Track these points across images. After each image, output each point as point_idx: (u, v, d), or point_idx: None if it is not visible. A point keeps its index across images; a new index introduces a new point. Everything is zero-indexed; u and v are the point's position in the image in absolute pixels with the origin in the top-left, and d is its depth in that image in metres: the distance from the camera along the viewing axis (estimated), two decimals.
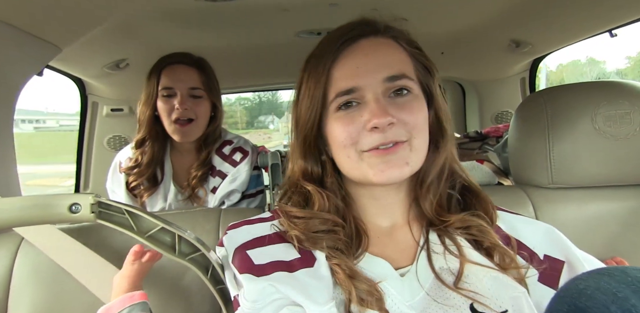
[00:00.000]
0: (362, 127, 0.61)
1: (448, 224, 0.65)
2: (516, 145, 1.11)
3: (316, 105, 0.64)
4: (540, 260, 0.65)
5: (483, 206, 0.68)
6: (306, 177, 0.70)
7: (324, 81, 0.63)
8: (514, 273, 0.61)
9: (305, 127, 0.67)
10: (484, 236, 0.63)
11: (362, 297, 0.57)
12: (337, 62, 0.63)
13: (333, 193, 0.68)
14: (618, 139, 0.97)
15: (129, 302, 0.78)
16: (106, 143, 2.00)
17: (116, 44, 1.46)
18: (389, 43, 0.66)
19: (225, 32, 1.49)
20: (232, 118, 10.80)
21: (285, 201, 0.72)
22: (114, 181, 1.39)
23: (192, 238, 0.68)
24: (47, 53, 1.08)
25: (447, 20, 1.53)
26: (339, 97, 0.63)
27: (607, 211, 1.02)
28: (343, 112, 0.63)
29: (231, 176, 1.36)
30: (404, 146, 0.61)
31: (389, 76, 0.62)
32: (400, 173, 0.61)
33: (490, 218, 0.67)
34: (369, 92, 0.62)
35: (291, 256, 0.63)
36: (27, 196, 0.65)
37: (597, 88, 1.01)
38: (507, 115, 2.27)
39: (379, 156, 0.61)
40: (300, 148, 0.69)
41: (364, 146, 0.62)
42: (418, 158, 0.63)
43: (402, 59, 0.65)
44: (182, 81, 1.28)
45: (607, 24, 1.43)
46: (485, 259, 0.62)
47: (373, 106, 0.60)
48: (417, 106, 0.63)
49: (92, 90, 1.90)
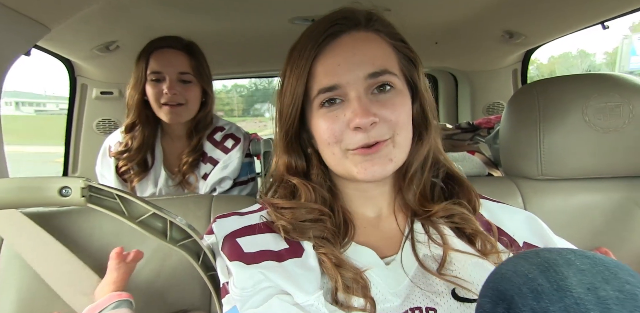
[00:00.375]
0: (346, 125, 0.62)
1: (431, 214, 0.66)
2: (507, 137, 1.13)
3: (297, 101, 0.65)
4: (519, 247, 0.67)
5: (466, 195, 0.69)
6: (290, 171, 0.70)
7: (305, 77, 0.63)
8: (494, 258, 0.63)
9: (287, 122, 0.67)
10: (466, 223, 0.65)
11: (347, 285, 0.58)
12: (318, 58, 0.63)
13: (319, 185, 0.69)
14: (607, 131, 0.98)
15: (117, 298, 0.79)
16: (95, 126, 1.97)
17: (107, 26, 1.43)
18: (371, 37, 0.65)
19: (218, 15, 1.47)
20: (229, 105, 10.81)
21: (271, 194, 0.72)
22: (104, 165, 1.38)
23: (183, 224, 0.68)
24: (35, 33, 1.05)
25: (441, 11, 1.52)
26: (321, 94, 0.63)
27: (594, 203, 1.04)
28: (326, 110, 0.64)
29: (223, 163, 1.36)
30: (386, 143, 0.62)
31: (371, 73, 0.62)
32: (383, 170, 0.62)
33: (473, 207, 0.68)
34: (351, 90, 0.62)
35: (280, 247, 0.63)
36: (16, 178, 0.64)
37: (589, 80, 1.02)
38: (498, 106, 2.29)
39: (363, 155, 0.62)
40: (282, 142, 0.70)
41: (349, 145, 0.63)
42: (401, 153, 0.64)
43: (385, 53, 0.65)
44: (171, 65, 1.26)
45: (600, 16, 1.44)
46: (467, 246, 0.64)
47: (355, 106, 0.61)
48: (400, 101, 0.64)
49: (81, 72, 1.86)
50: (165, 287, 0.94)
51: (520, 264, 0.41)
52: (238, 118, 9.99)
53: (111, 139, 1.40)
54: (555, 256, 0.40)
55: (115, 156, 1.33)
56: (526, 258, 0.42)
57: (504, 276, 0.42)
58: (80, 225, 0.97)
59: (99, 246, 0.96)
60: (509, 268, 0.42)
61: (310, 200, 0.67)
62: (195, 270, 0.70)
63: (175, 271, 0.95)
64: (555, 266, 0.39)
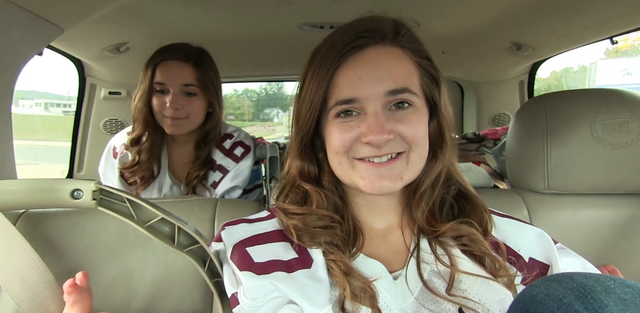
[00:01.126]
0: (357, 137, 0.62)
1: (439, 234, 0.65)
2: (514, 149, 1.12)
3: (315, 109, 0.64)
4: (524, 262, 0.66)
5: (477, 215, 0.67)
6: (303, 177, 0.70)
7: (325, 86, 0.63)
8: (504, 279, 0.62)
9: (303, 128, 0.67)
10: (475, 245, 0.64)
11: (355, 293, 0.58)
12: (340, 69, 0.63)
13: (331, 192, 0.68)
14: (616, 147, 0.98)
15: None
16: (102, 126, 1.98)
17: (118, 27, 1.44)
18: (395, 53, 0.64)
19: (228, 19, 1.48)
20: (240, 110, 11.08)
21: (282, 199, 0.72)
22: (107, 166, 1.38)
23: (191, 230, 0.68)
24: (49, 34, 1.06)
25: (450, 21, 1.53)
26: (338, 106, 0.63)
27: (601, 219, 1.03)
28: (341, 120, 0.63)
29: (233, 173, 1.34)
30: (400, 160, 0.62)
31: (391, 90, 0.61)
32: (392, 187, 0.62)
33: (484, 228, 0.66)
34: (369, 105, 0.61)
35: (289, 256, 0.63)
36: (29, 179, 0.65)
37: (598, 95, 1.02)
38: (504, 117, 2.29)
39: (371, 169, 0.62)
40: (297, 147, 0.69)
41: (357, 154, 0.62)
42: (414, 171, 0.64)
43: (407, 70, 0.64)
44: (175, 77, 1.25)
45: (608, 32, 1.45)
46: (476, 266, 0.63)
47: (371, 121, 0.61)
48: (417, 119, 0.63)
49: (91, 72, 1.88)
50: (167, 291, 0.94)
51: (554, 287, 0.40)
52: (248, 122, 10.21)
53: (116, 139, 1.40)
54: (593, 283, 0.39)
55: (123, 169, 1.32)
56: (560, 282, 0.40)
57: (535, 298, 0.41)
58: (85, 227, 0.97)
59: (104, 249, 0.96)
60: (540, 290, 0.41)
61: (322, 206, 0.67)
62: (198, 274, 0.70)
63: (178, 275, 0.95)
64: (593, 293, 0.37)
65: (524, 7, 1.30)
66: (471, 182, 1.17)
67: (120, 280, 0.92)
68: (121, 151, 1.35)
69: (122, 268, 0.93)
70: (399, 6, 0.68)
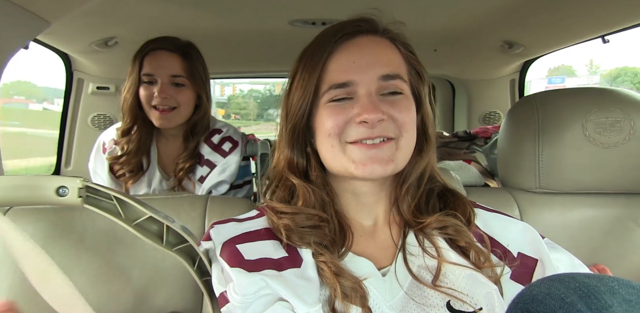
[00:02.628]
0: (351, 119, 0.62)
1: (424, 225, 0.66)
2: (505, 148, 1.13)
3: (308, 95, 0.65)
4: (513, 258, 0.66)
5: (460, 206, 0.69)
6: (291, 168, 0.69)
7: (318, 72, 0.64)
8: (488, 271, 0.63)
9: (295, 116, 0.67)
10: (459, 235, 0.65)
11: (346, 293, 0.57)
12: (333, 55, 0.64)
13: (318, 187, 0.68)
14: (607, 147, 0.98)
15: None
16: (90, 121, 1.95)
17: (107, 21, 1.42)
18: (386, 43, 0.67)
19: (218, 14, 1.46)
20: (245, 110, 11.32)
21: (270, 195, 0.72)
22: (97, 162, 1.36)
23: (179, 229, 0.67)
24: (35, 27, 1.03)
25: (441, 18, 1.52)
26: (332, 90, 0.63)
27: (592, 218, 1.04)
28: (335, 103, 0.64)
29: (220, 167, 1.34)
30: (390, 144, 0.62)
31: (384, 75, 0.63)
32: (383, 170, 0.62)
33: (467, 219, 0.68)
34: (362, 88, 0.62)
35: (279, 255, 0.63)
36: (13, 176, 0.63)
37: (590, 94, 1.02)
38: (495, 116, 2.30)
39: (363, 150, 0.62)
40: (288, 137, 0.69)
41: (349, 137, 0.62)
42: (403, 157, 0.64)
43: (398, 60, 0.66)
44: (163, 67, 1.24)
45: (600, 30, 1.45)
46: (461, 258, 0.64)
47: (365, 101, 0.61)
48: (408, 106, 0.65)
49: (78, 66, 1.85)
50: (155, 289, 0.93)
51: (555, 287, 0.40)
52: (253, 122, 10.52)
53: (105, 135, 1.38)
54: (596, 283, 0.38)
55: (111, 161, 1.31)
56: (562, 282, 0.40)
57: (536, 298, 0.40)
58: (73, 223, 0.95)
59: (91, 245, 0.95)
60: (541, 290, 0.41)
61: (309, 203, 0.67)
62: (187, 273, 0.69)
63: (167, 273, 0.94)
64: (597, 293, 0.37)
65: (516, 5, 1.30)
66: (462, 180, 1.18)
67: (108, 278, 0.91)
68: (110, 146, 1.33)
69: (110, 265, 0.92)
70: (390, 5, 0.68)
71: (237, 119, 12.68)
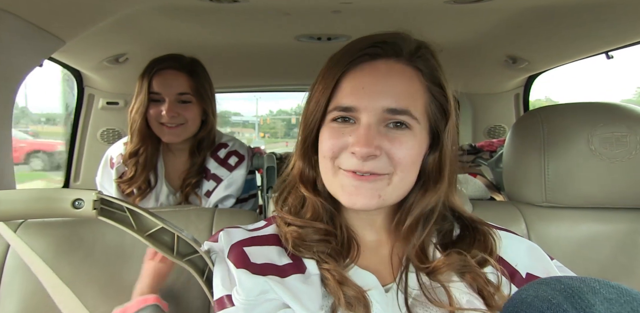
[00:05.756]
0: (345, 147, 0.61)
1: (429, 271, 0.62)
2: (511, 161, 1.13)
3: (320, 109, 0.63)
4: (522, 278, 0.64)
5: (481, 241, 0.65)
6: (302, 178, 0.69)
7: (331, 87, 0.62)
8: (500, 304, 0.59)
9: (307, 128, 0.66)
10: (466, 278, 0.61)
11: (350, 302, 0.57)
12: (347, 74, 0.62)
13: (326, 200, 0.67)
14: (614, 161, 0.98)
15: (142, 304, 0.79)
16: (99, 135, 1.98)
17: (117, 39, 1.46)
18: (406, 72, 0.62)
19: (225, 31, 1.49)
20: (274, 129, 12.10)
21: (281, 204, 0.71)
22: (104, 177, 1.38)
23: (190, 239, 0.69)
24: (50, 45, 1.07)
25: (445, 33, 1.54)
26: (336, 111, 0.62)
27: (600, 233, 1.03)
28: (337, 124, 0.62)
29: (226, 182, 1.35)
30: (381, 178, 0.60)
31: (390, 108, 0.59)
32: (367, 203, 0.60)
33: (489, 251, 0.64)
34: (364, 116, 0.60)
35: (283, 262, 0.63)
36: (31, 189, 0.65)
37: (595, 109, 1.03)
38: (499, 129, 2.31)
39: (352, 180, 0.61)
40: (300, 147, 0.68)
41: (342, 164, 0.62)
42: (395, 193, 0.62)
43: (414, 93, 0.62)
44: (170, 86, 1.27)
45: (603, 46, 1.46)
46: (472, 294, 0.60)
47: (361, 133, 0.59)
48: (410, 143, 0.61)
49: (89, 82, 1.89)
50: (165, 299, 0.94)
51: (542, 289, 0.41)
52: (280, 139, 11.27)
53: (113, 150, 1.40)
54: (579, 284, 0.40)
55: (119, 182, 1.33)
56: (548, 284, 0.42)
57: (524, 301, 0.42)
58: (83, 237, 0.97)
59: (101, 259, 0.96)
60: (529, 293, 0.42)
61: (318, 215, 0.66)
62: (196, 285, 0.70)
63: (175, 285, 0.95)
64: (580, 294, 0.39)
65: (519, 20, 1.32)
66: (468, 194, 1.18)
67: (117, 290, 0.92)
68: (118, 161, 1.35)
69: (119, 278, 0.93)
70: (395, 18, 0.68)
71: (268, 137, 14.06)
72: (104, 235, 0.97)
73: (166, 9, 1.24)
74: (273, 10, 1.26)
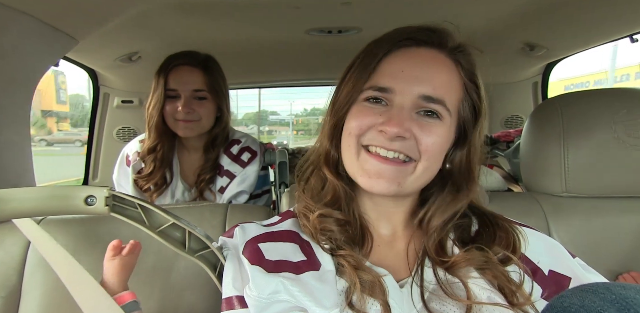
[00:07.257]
0: (374, 125, 0.60)
1: (447, 265, 0.60)
2: (529, 151, 1.10)
3: (358, 89, 0.63)
4: (544, 275, 0.63)
5: (502, 237, 0.63)
6: (327, 161, 0.68)
7: (369, 69, 0.62)
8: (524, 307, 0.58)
9: (340, 111, 0.65)
10: (488, 273, 0.60)
11: (365, 286, 0.56)
12: (388, 56, 0.62)
13: (347, 185, 0.66)
14: (638, 149, 0.95)
15: (120, 304, 0.78)
16: (115, 134, 2.01)
17: (130, 37, 1.47)
18: (447, 64, 0.62)
19: (236, 27, 1.49)
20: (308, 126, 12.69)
21: (303, 183, 0.71)
22: (121, 174, 1.40)
23: (202, 235, 0.69)
24: (65, 45, 1.08)
25: (460, 21, 1.51)
26: (372, 90, 0.61)
27: (622, 223, 1.00)
28: (369, 104, 0.62)
29: (240, 177, 1.36)
30: (406, 166, 0.60)
31: (427, 95, 0.59)
32: (386, 188, 0.60)
33: (513, 249, 0.62)
34: (398, 99, 0.59)
35: (298, 258, 0.63)
36: (44, 187, 0.66)
37: (616, 96, 1.00)
38: (517, 119, 2.26)
39: (375, 162, 0.60)
40: (329, 130, 0.67)
41: (366, 140, 0.61)
42: (415, 183, 0.62)
43: (453, 85, 0.61)
44: (186, 83, 1.28)
45: (628, 29, 1.40)
46: (492, 290, 0.59)
47: (394, 113, 0.59)
48: (440, 132, 0.60)
49: (104, 81, 1.92)
50: (178, 297, 0.95)
51: (589, 298, 0.38)
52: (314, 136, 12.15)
53: (129, 147, 1.42)
54: (634, 295, 0.36)
55: (137, 178, 1.35)
56: (595, 293, 0.38)
57: (567, 310, 0.38)
58: (99, 233, 0.98)
59: None
60: (573, 301, 0.39)
61: (337, 200, 0.66)
62: (209, 280, 0.70)
63: (189, 281, 0.96)
64: (637, 306, 0.35)
65: (537, 4, 1.27)
66: (485, 185, 1.15)
67: (132, 285, 0.93)
68: (134, 158, 1.37)
69: (134, 273, 0.94)
70: (408, 8, 0.67)
71: (302, 134, 14.93)
72: (120, 232, 0.98)
73: (176, 6, 1.24)
74: (283, 4, 1.26)
